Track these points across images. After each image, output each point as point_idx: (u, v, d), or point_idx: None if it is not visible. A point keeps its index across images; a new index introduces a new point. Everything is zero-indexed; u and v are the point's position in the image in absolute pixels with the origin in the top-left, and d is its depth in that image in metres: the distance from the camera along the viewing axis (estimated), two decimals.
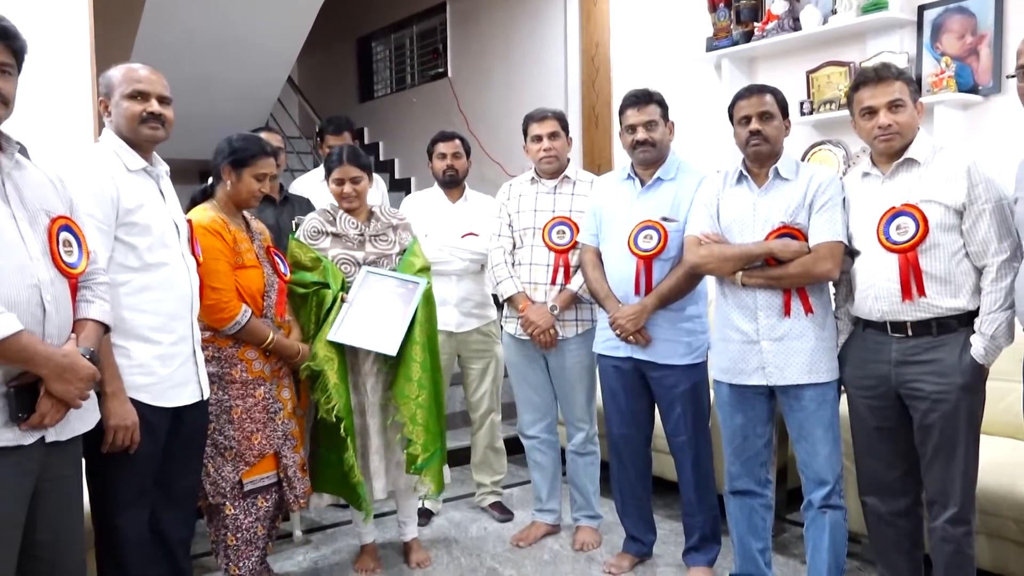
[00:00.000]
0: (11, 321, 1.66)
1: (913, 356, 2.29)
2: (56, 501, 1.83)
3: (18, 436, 1.72)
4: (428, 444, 2.88)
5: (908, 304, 2.28)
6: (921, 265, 2.26)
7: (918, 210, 2.26)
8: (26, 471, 1.75)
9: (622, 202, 2.92)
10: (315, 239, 2.95)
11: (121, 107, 2.25)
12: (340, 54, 8.31)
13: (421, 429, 2.86)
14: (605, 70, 5.03)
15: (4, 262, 1.71)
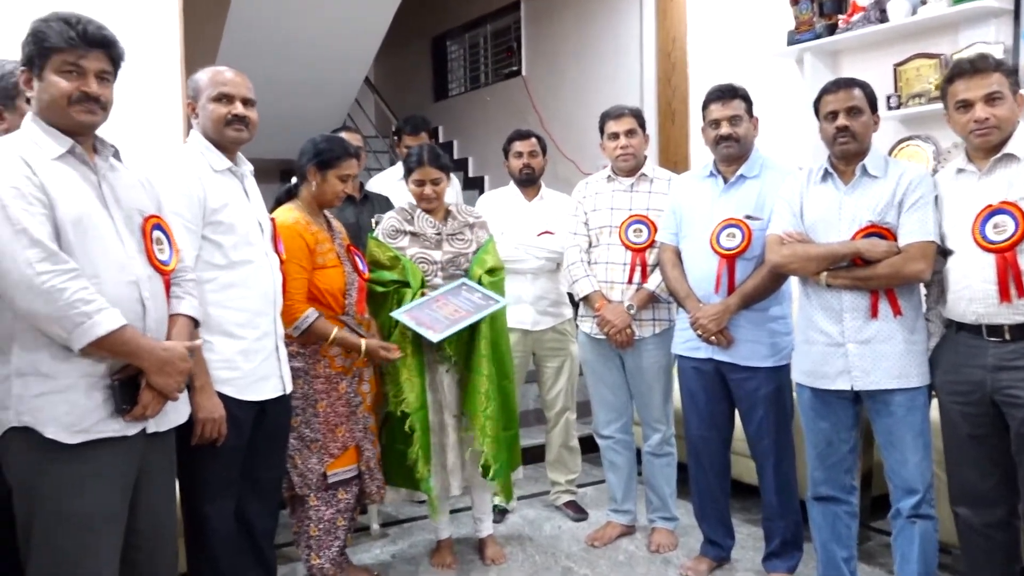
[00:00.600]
0: (116, 316, 1.73)
1: (1011, 361, 2.19)
2: (154, 491, 1.90)
3: (122, 427, 1.79)
4: (497, 455, 2.89)
5: (1006, 306, 2.18)
6: (1021, 265, 2.16)
7: (1018, 208, 2.16)
8: (129, 461, 1.82)
9: (704, 200, 2.88)
10: (394, 238, 2.99)
11: (207, 110, 2.32)
12: (415, 54, 8.41)
13: (490, 440, 2.87)
14: (682, 66, 4.96)
15: (105, 261, 1.78)
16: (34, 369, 1.72)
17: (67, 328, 1.68)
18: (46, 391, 1.72)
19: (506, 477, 3.01)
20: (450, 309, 2.84)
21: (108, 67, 1.83)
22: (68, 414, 1.72)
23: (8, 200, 1.66)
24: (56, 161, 1.77)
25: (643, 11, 5.34)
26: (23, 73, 1.80)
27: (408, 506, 3.63)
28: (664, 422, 3.22)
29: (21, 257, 1.65)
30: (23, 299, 1.66)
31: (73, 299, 1.67)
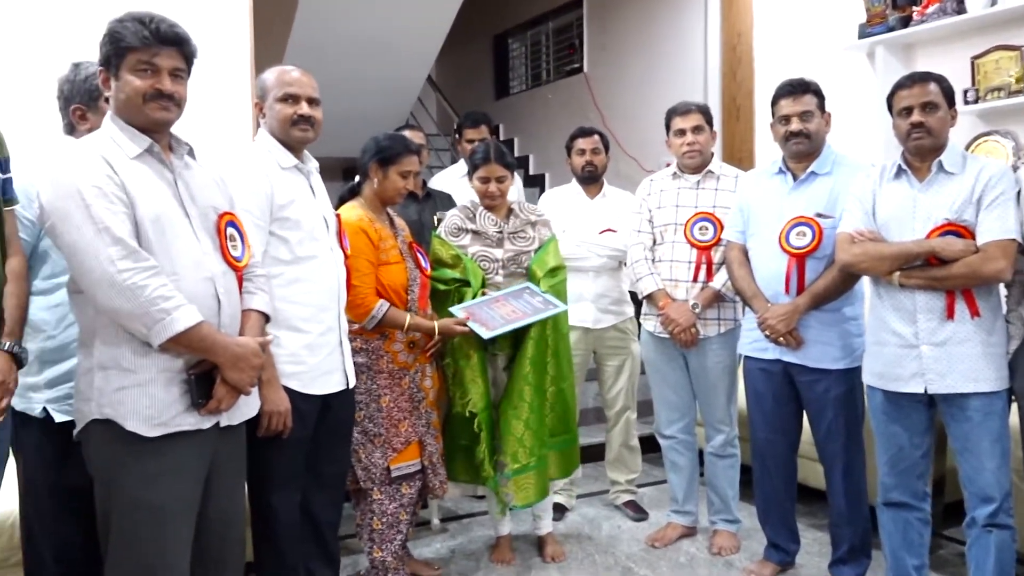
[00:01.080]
0: (194, 312, 1.76)
1: None
2: (225, 482, 1.94)
3: (198, 420, 1.83)
4: (519, 456, 2.87)
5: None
6: None
7: None
8: (202, 454, 1.86)
9: (772, 197, 2.82)
10: (456, 236, 3.00)
11: (274, 110, 2.36)
12: (477, 52, 8.44)
13: (515, 440, 2.86)
14: (748, 60, 4.87)
15: (182, 258, 1.82)
16: (115, 363, 1.77)
17: (147, 324, 1.72)
18: (126, 385, 1.76)
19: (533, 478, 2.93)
20: (508, 310, 2.85)
21: (181, 64, 1.86)
22: (148, 408, 1.77)
23: (91, 199, 1.71)
24: (135, 160, 1.82)
25: (708, 5, 5.26)
26: (101, 73, 1.85)
27: (467, 501, 3.65)
28: (728, 423, 3.16)
29: (104, 255, 1.69)
30: (105, 296, 1.71)
31: (153, 296, 1.71)
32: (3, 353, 1.79)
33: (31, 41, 3.01)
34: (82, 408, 1.81)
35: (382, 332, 2.70)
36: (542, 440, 2.93)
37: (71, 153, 1.78)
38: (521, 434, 2.87)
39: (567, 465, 3.09)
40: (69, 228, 1.71)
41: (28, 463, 2.09)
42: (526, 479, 2.90)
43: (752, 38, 4.83)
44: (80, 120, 2.15)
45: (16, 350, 1.82)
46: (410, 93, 6.82)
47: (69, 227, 1.71)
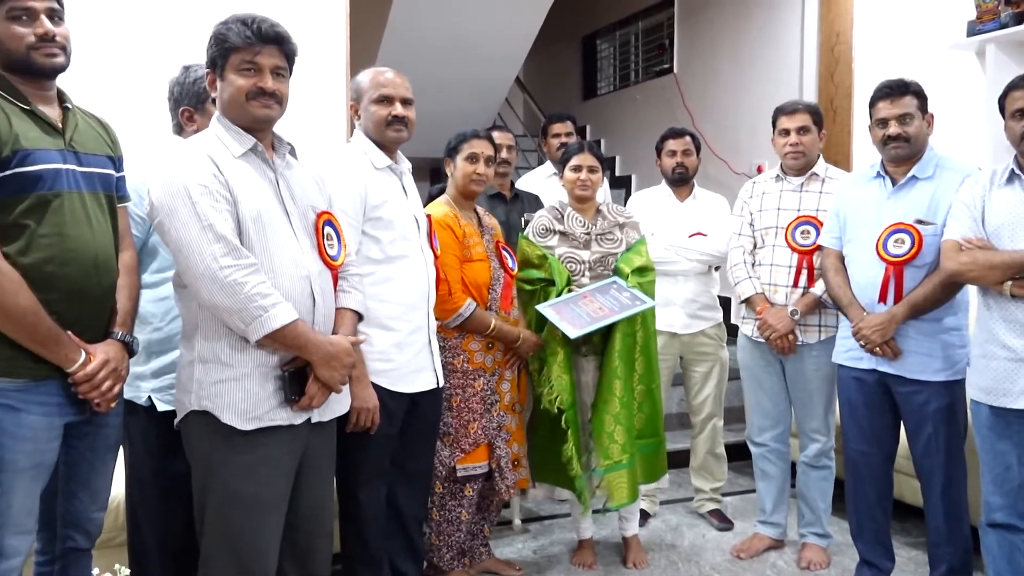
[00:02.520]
0: (290, 310, 1.81)
1: None
2: (315, 476, 1.99)
3: (290, 416, 1.89)
4: (612, 452, 2.84)
5: None
6: None
7: None
8: (295, 448, 1.92)
9: (870, 203, 2.72)
10: (543, 236, 3.00)
11: (369, 111, 2.41)
12: (565, 52, 8.43)
13: (606, 436, 2.83)
14: (846, 60, 4.71)
15: (281, 256, 1.87)
16: (215, 357, 1.83)
17: (245, 320, 1.77)
18: (224, 378, 1.83)
19: (624, 478, 2.88)
20: (595, 306, 2.82)
21: (282, 63, 1.91)
22: (243, 401, 1.83)
23: (197, 197, 1.77)
24: (239, 159, 1.88)
25: (805, 4, 5.11)
26: (208, 75, 1.92)
27: (549, 503, 3.64)
28: (824, 433, 3.07)
29: (207, 251, 1.75)
30: (207, 291, 1.77)
31: (251, 293, 1.76)
32: (116, 342, 1.88)
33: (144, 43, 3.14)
34: (182, 399, 1.88)
35: (461, 330, 2.71)
36: (633, 438, 2.90)
37: (180, 152, 1.85)
38: (612, 429, 2.84)
39: (654, 470, 3.05)
40: (176, 224, 1.77)
41: (134, 450, 2.19)
42: (619, 477, 2.86)
43: (852, 37, 4.67)
44: (188, 121, 2.24)
45: (128, 339, 1.91)
46: (498, 94, 6.85)
47: (176, 223, 1.77)
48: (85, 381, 1.79)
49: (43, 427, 1.77)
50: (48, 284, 1.75)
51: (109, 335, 1.89)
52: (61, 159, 1.80)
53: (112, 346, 1.87)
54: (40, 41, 1.77)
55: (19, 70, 1.79)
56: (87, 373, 1.79)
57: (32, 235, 1.74)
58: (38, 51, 1.78)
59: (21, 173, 1.72)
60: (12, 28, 1.76)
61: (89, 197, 1.85)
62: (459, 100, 6.30)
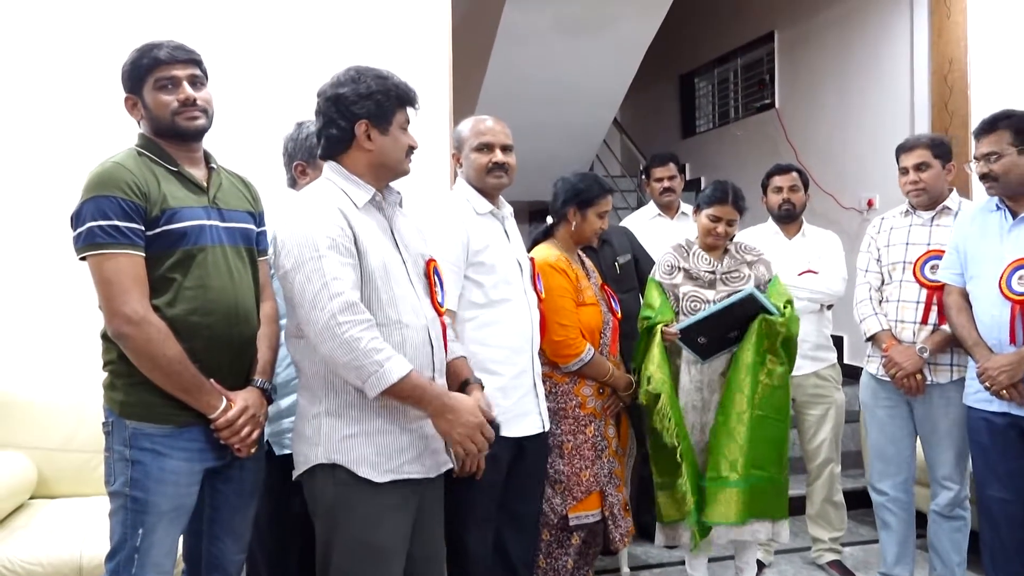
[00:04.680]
0: (404, 363, 1.80)
1: None
2: (429, 523, 2.00)
3: (425, 469, 1.93)
4: (720, 466, 2.75)
5: None
6: None
7: None
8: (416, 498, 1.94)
9: (991, 237, 2.59)
10: (669, 274, 2.97)
11: (470, 159, 2.45)
12: (662, 91, 8.41)
13: (717, 452, 2.76)
14: (961, 88, 4.53)
15: (404, 304, 1.90)
16: (344, 411, 1.85)
17: (362, 377, 1.77)
18: (355, 432, 1.84)
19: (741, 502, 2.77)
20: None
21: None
22: (376, 455, 1.85)
23: (325, 251, 1.78)
24: (361, 210, 1.90)
25: (914, 32, 4.96)
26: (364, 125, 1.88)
27: (657, 551, 3.54)
28: (957, 480, 2.88)
29: (327, 307, 1.76)
30: (327, 346, 1.77)
31: (368, 348, 1.76)
32: (256, 389, 1.96)
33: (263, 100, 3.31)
34: (307, 452, 1.88)
35: (577, 375, 2.69)
36: (748, 459, 2.78)
37: (311, 203, 1.85)
38: (726, 446, 2.77)
39: (771, 508, 2.86)
40: (300, 277, 1.78)
41: None
42: (724, 493, 2.76)
43: (966, 64, 4.49)
44: (301, 175, 2.33)
45: (267, 387, 1.98)
46: (596, 136, 6.88)
47: (300, 276, 1.78)
48: (226, 427, 1.86)
49: (185, 472, 1.85)
50: (192, 333, 1.84)
51: (249, 383, 1.96)
52: (205, 215, 1.91)
53: (252, 393, 1.94)
54: (183, 106, 1.90)
55: (167, 135, 1.92)
56: (228, 419, 1.86)
57: (179, 288, 1.84)
58: (181, 115, 1.90)
59: (169, 231, 1.84)
60: (159, 97, 1.90)
61: (231, 251, 1.95)
62: (558, 143, 6.35)
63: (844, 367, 3.53)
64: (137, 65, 1.91)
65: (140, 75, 1.90)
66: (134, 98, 1.93)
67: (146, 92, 1.91)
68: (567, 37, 5.68)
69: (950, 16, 4.60)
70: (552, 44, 5.72)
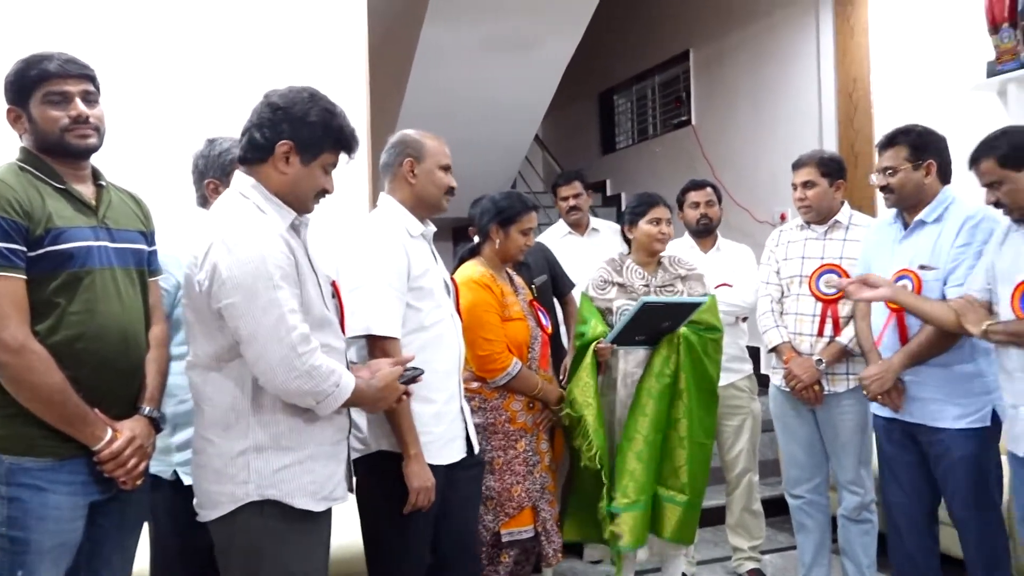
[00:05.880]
0: (350, 375, 1.82)
1: None
2: None
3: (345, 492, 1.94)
4: (630, 491, 2.77)
5: None
6: None
7: None
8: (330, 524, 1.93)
9: (885, 247, 2.72)
10: (603, 289, 2.99)
11: (435, 175, 2.32)
12: (583, 109, 8.52)
13: (627, 474, 2.78)
14: (865, 106, 4.72)
15: (329, 329, 1.86)
16: (274, 443, 1.78)
17: (319, 398, 1.75)
18: (288, 463, 1.78)
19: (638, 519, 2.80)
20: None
21: None
22: (311, 484, 1.80)
23: (279, 281, 1.72)
24: (286, 234, 1.82)
25: (821, 52, 5.14)
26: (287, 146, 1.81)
27: (583, 566, 3.54)
28: (861, 485, 2.97)
29: (286, 341, 1.70)
30: (284, 377, 1.71)
31: (325, 372, 1.75)
32: (143, 418, 1.87)
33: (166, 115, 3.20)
34: (232, 491, 1.77)
35: (505, 390, 2.67)
36: (652, 479, 2.82)
37: (249, 228, 1.76)
38: (634, 468, 2.79)
39: (679, 531, 2.88)
40: (254, 310, 1.69)
41: (159, 525, 2.14)
42: (635, 518, 2.79)
43: (869, 83, 4.68)
44: (213, 193, 2.24)
45: (155, 415, 1.90)
46: (518, 153, 6.91)
47: (254, 309, 1.69)
48: (111, 459, 1.77)
49: (68, 507, 1.75)
50: (77, 360, 1.75)
51: (136, 410, 1.87)
52: (93, 236, 1.81)
53: (139, 423, 1.85)
54: (74, 123, 1.81)
55: (53, 151, 1.82)
56: (113, 451, 1.77)
57: (62, 313, 1.74)
58: (71, 132, 1.81)
59: (54, 252, 1.74)
60: (48, 112, 1.80)
61: (121, 273, 1.86)
62: (480, 160, 6.35)
63: (760, 377, 3.60)
64: (24, 76, 1.80)
65: (27, 87, 1.80)
66: (17, 110, 1.82)
67: (33, 106, 1.80)
68: (487, 55, 5.71)
69: (853, 37, 4.79)
70: (472, 62, 5.73)
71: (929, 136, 2.64)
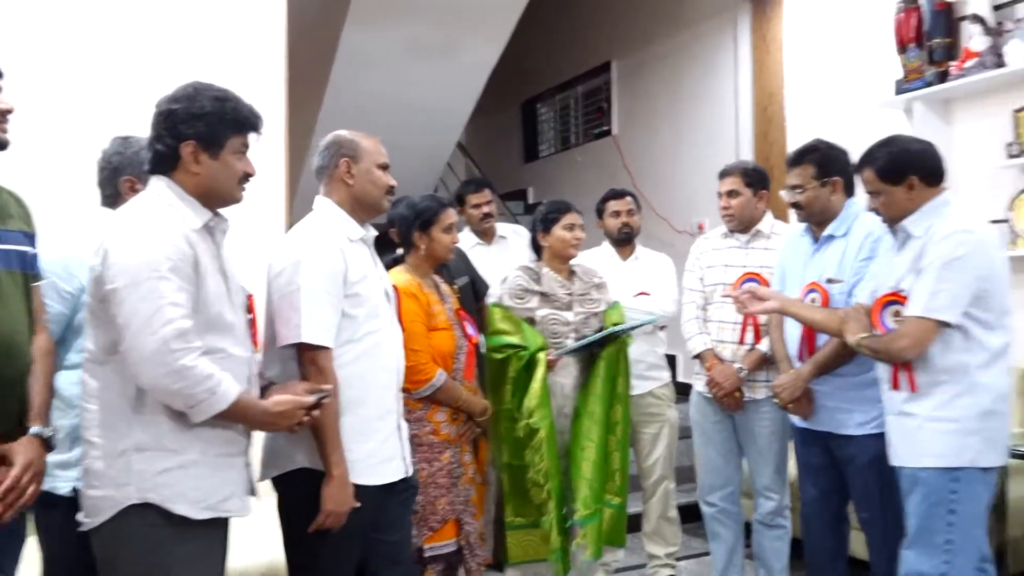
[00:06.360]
0: (234, 385, 1.72)
1: None
2: None
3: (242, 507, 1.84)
4: (589, 500, 2.76)
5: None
6: None
7: None
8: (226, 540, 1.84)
9: (799, 258, 2.79)
10: (521, 298, 2.94)
11: (374, 175, 2.21)
12: (506, 117, 8.53)
13: (585, 483, 2.76)
14: (779, 121, 4.84)
15: (232, 336, 1.80)
16: (157, 444, 1.70)
17: (191, 403, 1.67)
18: (171, 466, 1.71)
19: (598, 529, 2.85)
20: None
21: None
22: (195, 490, 1.72)
23: (166, 272, 1.66)
24: (197, 233, 1.77)
25: (738, 66, 5.26)
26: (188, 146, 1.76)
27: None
28: (777, 491, 3.03)
29: (160, 334, 1.63)
30: (150, 374, 1.65)
31: (200, 375, 1.67)
32: (34, 438, 1.74)
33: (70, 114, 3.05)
34: (113, 494, 1.70)
35: (429, 401, 2.61)
36: (603, 485, 2.84)
37: (150, 220, 1.72)
38: (590, 476, 2.78)
39: (620, 533, 2.95)
40: (133, 297, 1.65)
41: (52, 546, 2.02)
42: (595, 528, 2.80)
43: (783, 98, 4.81)
44: (129, 191, 2.13)
45: (46, 434, 1.77)
46: (440, 159, 6.87)
47: (134, 296, 1.65)
48: (9, 491, 1.65)
49: None
50: None
51: (24, 428, 1.74)
52: None
53: (31, 445, 1.72)
54: None
55: None
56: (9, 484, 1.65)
57: None
58: None
59: None
60: None
61: (5, 276, 1.74)
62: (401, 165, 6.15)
63: (678, 385, 3.64)
64: None
65: None
66: None
67: None
68: (410, 60, 5.65)
69: (769, 52, 4.92)
70: (394, 66, 5.67)
71: (833, 153, 2.72)
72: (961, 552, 2.19)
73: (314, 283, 2.03)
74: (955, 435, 2.20)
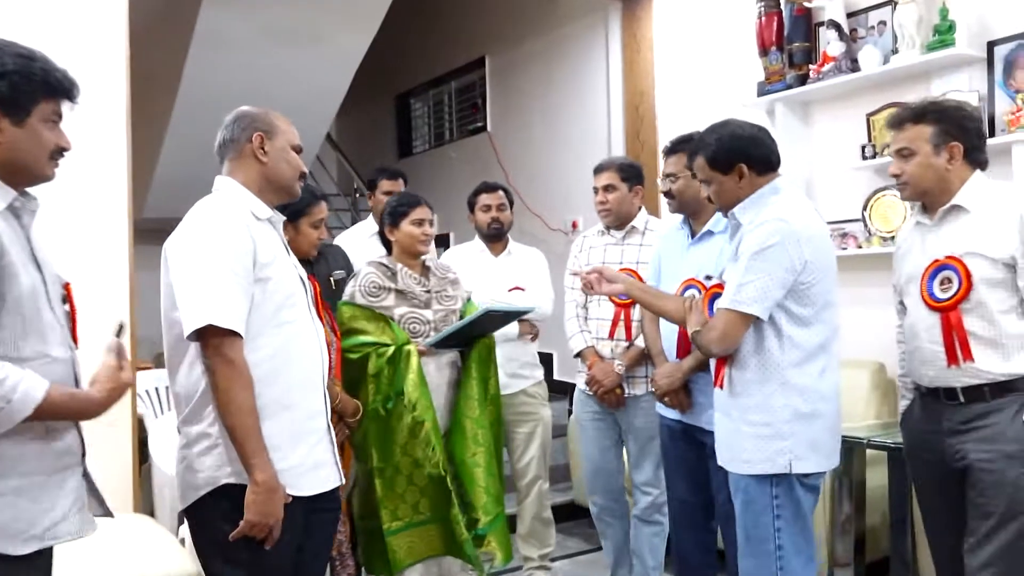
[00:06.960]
0: (39, 380, 1.48)
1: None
2: None
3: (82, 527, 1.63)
4: (489, 507, 2.68)
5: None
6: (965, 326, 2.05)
7: (961, 263, 2.06)
8: None
9: (675, 254, 2.78)
10: (376, 296, 2.77)
11: (289, 154, 2.02)
12: (378, 111, 8.33)
13: (481, 491, 2.68)
14: (650, 119, 4.89)
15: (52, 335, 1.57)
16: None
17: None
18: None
19: (502, 531, 2.77)
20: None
21: None
22: (16, 520, 1.49)
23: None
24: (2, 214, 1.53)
25: (609, 65, 5.29)
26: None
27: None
28: (655, 486, 3.02)
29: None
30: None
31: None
32: None
33: None
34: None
35: None
36: (502, 486, 2.78)
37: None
38: (485, 483, 2.68)
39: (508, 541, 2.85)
40: None
41: None
42: (501, 532, 2.72)
43: (654, 98, 4.86)
44: None
45: None
46: (308, 153, 6.58)
47: None
48: None
49: None
50: None
51: None
52: None
53: None
54: None
55: None
56: None
57: None
58: None
59: None
60: None
61: None
62: None
63: (553, 383, 3.59)
64: None
65: None
66: None
67: None
68: (274, 46, 5.38)
69: (640, 52, 4.96)
70: (257, 52, 5.38)
71: None
72: (793, 555, 2.14)
73: (217, 262, 1.81)
74: (768, 440, 2.11)
